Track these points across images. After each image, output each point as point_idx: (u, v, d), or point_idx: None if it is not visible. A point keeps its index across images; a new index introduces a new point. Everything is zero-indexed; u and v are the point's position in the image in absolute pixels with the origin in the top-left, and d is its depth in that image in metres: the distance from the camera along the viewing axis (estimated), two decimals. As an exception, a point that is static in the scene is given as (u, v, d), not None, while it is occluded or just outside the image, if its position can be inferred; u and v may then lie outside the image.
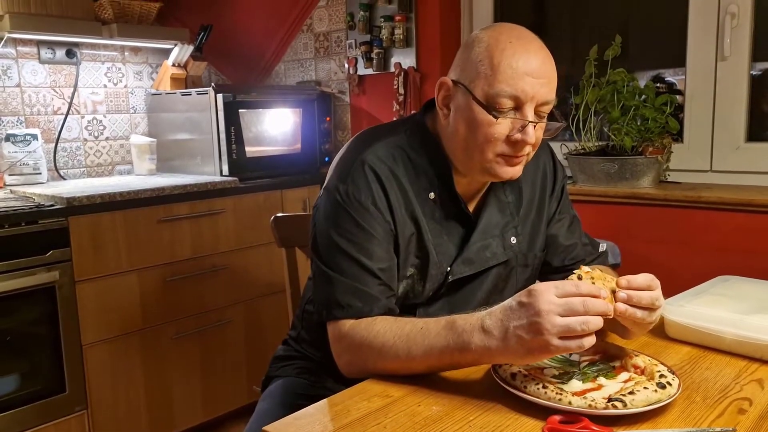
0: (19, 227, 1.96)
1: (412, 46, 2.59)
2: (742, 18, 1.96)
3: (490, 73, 1.04)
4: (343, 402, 0.92)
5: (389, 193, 1.10)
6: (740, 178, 2.01)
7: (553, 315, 0.86)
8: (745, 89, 1.99)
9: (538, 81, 1.04)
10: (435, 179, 1.16)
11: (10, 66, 2.58)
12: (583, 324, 0.86)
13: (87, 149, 2.82)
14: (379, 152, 1.13)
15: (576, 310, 0.86)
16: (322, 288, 1.10)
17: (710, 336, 1.09)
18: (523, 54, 1.04)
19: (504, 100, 1.04)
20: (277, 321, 2.66)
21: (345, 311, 1.06)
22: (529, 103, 1.04)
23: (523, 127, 1.05)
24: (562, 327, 0.86)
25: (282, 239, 1.65)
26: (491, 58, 1.04)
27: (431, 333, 0.96)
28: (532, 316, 0.87)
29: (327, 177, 1.17)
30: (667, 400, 0.87)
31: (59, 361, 2.08)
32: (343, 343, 1.06)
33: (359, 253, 1.07)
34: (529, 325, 0.87)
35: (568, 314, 0.86)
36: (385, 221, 1.10)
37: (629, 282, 0.93)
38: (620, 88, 2.02)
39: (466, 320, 0.94)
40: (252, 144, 2.62)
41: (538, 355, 0.89)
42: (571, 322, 0.86)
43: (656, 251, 1.99)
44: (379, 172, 1.10)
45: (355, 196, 1.09)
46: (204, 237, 2.42)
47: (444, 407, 0.90)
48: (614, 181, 2.04)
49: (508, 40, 1.05)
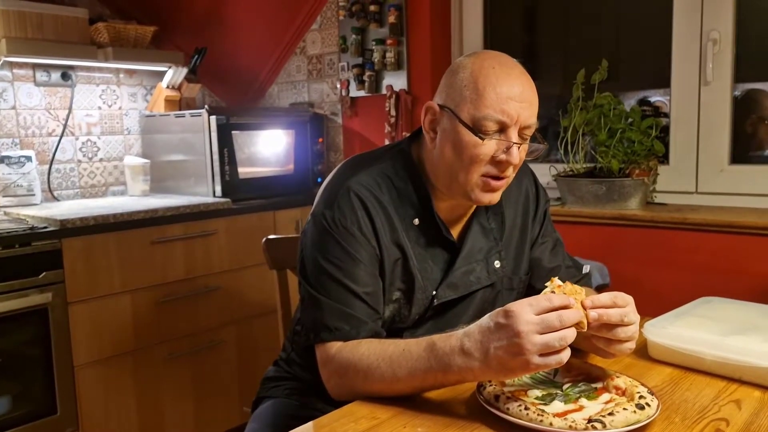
0: (12, 249, 1.98)
1: (404, 69, 2.64)
2: (723, 44, 2.01)
3: (475, 97, 1.08)
4: (330, 424, 0.93)
5: (374, 219, 1.13)
6: (725, 200, 2.05)
7: (532, 334, 0.89)
8: (728, 113, 2.04)
9: (520, 105, 1.08)
10: (419, 205, 1.19)
11: (6, 88, 2.60)
12: (561, 340, 0.89)
13: (81, 170, 2.84)
14: (363, 180, 1.16)
15: (553, 326, 0.89)
16: (310, 312, 1.12)
17: (691, 357, 1.11)
18: (506, 79, 1.08)
19: (489, 123, 1.08)
20: (269, 342, 2.66)
21: (332, 334, 1.08)
22: (513, 126, 1.09)
23: (507, 148, 1.09)
24: (541, 345, 0.89)
25: (273, 261, 1.67)
26: (476, 83, 1.09)
27: (413, 356, 0.99)
28: (512, 337, 0.89)
29: (315, 202, 1.20)
30: (645, 420, 0.89)
31: (51, 383, 2.08)
32: (330, 366, 1.08)
33: (345, 278, 1.10)
34: (509, 346, 0.90)
35: (545, 331, 0.89)
36: (371, 246, 1.13)
37: (593, 302, 0.96)
38: (607, 111, 2.06)
39: (445, 342, 0.97)
40: (245, 165, 2.65)
41: (519, 373, 0.94)
42: (549, 340, 0.89)
43: (643, 272, 2.02)
44: (364, 198, 1.14)
45: (341, 222, 1.12)
46: (197, 258, 2.44)
47: (429, 429, 0.91)
48: (602, 203, 2.07)
49: (491, 66, 1.09)
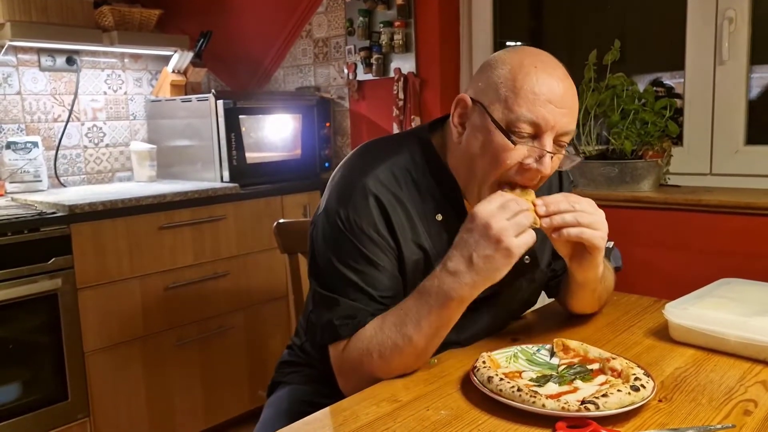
0: (21, 235, 1.97)
1: (412, 52, 2.61)
2: (739, 23, 1.97)
3: (511, 96, 1.01)
4: (351, 407, 0.92)
5: (393, 219, 1.07)
6: (740, 181, 2.02)
7: (501, 220, 0.93)
8: (743, 93, 2.01)
9: (560, 111, 1.01)
10: (442, 200, 1.13)
11: (11, 74, 2.58)
12: (526, 217, 0.95)
13: (87, 156, 2.82)
14: (381, 175, 1.09)
15: (512, 209, 0.94)
16: (323, 313, 1.07)
17: (714, 338, 1.09)
18: (546, 80, 1.01)
19: (523, 125, 1.01)
20: (278, 327, 2.66)
21: (344, 329, 1.04)
22: (549, 132, 1.01)
23: (540, 156, 1.02)
24: (512, 225, 0.93)
25: (284, 245, 1.65)
26: (514, 80, 1.01)
27: (411, 309, 0.99)
28: (484, 232, 0.93)
29: (326, 193, 1.13)
30: (640, 402, 0.87)
31: (61, 369, 2.08)
32: (343, 368, 1.05)
33: (364, 283, 1.05)
34: (486, 241, 0.93)
35: (509, 216, 0.94)
36: (390, 248, 1.07)
37: (545, 199, 1.01)
38: (619, 92, 2.03)
39: (430, 280, 0.99)
40: (252, 150, 2.63)
41: (507, 266, 0.96)
42: (517, 219, 0.94)
43: (657, 255, 2.00)
44: (382, 198, 1.07)
45: (356, 223, 1.05)
46: (205, 243, 2.42)
47: (452, 411, 0.90)
48: (614, 185, 2.04)
49: (533, 65, 1.02)
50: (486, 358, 0.99)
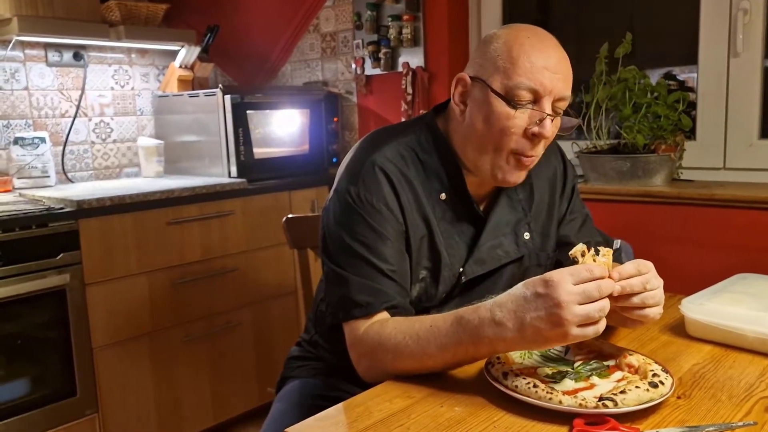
0: (29, 230, 1.96)
1: (420, 46, 2.58)
2: (754, 14, 1.94)
3: (509, 66, 1.06)
4: (364, 403, 0.91)
5: (400, 194, 1.11)
6: (754, 176, 2.00)
7: (573, 305, 0.85)
8: (758, 86, 1.98)
9: (555, 75, 1.06)
10: (446, 179, 1.16)
11: (18, 69, 2.57)
12: (600, 311, 0.86)
13: (94, 152, 2.82)
14: (388, 153, 1.13)
15: (593, 297, 0.86)
16: (336, 290, 1.08)
17: (732, 334, 1.07)
18: (541, 49, 1.06)
19: (523, 92, 1.05)
20: (286, 323, 2.65)
21: (360, 310, 1.05)
22: (547, 96, 1.06)
23: (540, 120, 1.06)
24: (582, 316, 0.86)
25: (294, 240, 1.64)
26: (510, 52, 1.06)
27: (441, 331, 0.96)
28: (551, 307, 0.86)
29: (336, 179, 1.16)
30: (659, 399, 0.86)
31: (70, 365, 2.07)
32: (359, 347, 1.05)
33: (371, 255, 1.07)
34: (548, 317, 0.86)
35: (586, 302, 0.86)
36: (398, 222, 1.10)
37: (620, 274, 0.92)
38: (631, 85, 2.01)
39: (473, 314, 0.94)
40: (260, 145, 2.62)
41: (555, 344, 0.91)
42: (590, 310, 0.86)
43: (669, 250, 1.97)
44: (390, 173, 1.11)
45: (366, 198, 1.08)
46: (213, 239, 2.41)
47: (467, 408, 0.89)
48: (626, 180, 2.02)
49: (526, 36, 1.07)
50: (500, 353, 0.98)
